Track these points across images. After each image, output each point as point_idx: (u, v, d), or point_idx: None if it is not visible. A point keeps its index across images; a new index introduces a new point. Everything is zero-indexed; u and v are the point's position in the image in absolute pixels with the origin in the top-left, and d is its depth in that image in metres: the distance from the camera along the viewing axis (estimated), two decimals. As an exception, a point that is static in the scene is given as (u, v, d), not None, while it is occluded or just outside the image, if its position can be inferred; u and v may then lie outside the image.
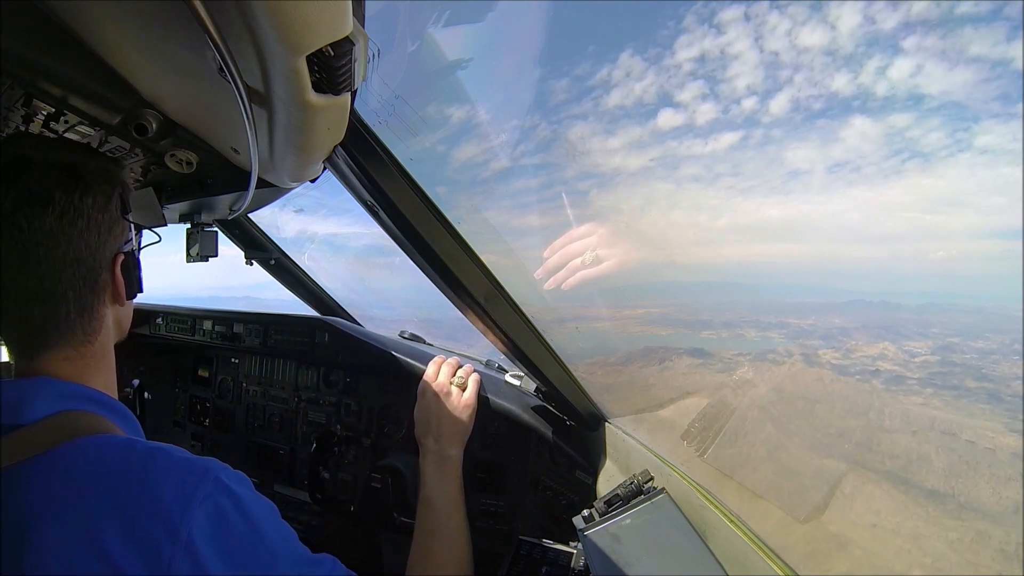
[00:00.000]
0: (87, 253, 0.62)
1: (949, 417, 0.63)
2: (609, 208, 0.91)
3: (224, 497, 0.54)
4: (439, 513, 0.96)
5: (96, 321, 0.64)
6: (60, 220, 0.59)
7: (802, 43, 0.57)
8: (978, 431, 0.60)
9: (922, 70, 0.52)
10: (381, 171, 0.76)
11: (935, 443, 0.63)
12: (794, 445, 0.80)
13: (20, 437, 0.54)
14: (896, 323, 0.72)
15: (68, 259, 0.60)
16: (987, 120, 0.52)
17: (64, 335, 0.62)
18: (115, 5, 0.49)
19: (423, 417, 1.07)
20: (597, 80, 0.71)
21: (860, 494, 0.67)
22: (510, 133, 0.90)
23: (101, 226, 0.62)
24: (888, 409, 0.69)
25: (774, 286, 0.88)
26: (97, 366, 0.65)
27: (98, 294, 0.64)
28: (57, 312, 0.61)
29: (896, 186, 0.59)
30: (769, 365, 0.89)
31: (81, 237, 0.61)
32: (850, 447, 0.72)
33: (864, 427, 0.72)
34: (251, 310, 1.85)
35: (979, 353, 0.64)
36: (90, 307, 0.63)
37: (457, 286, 0.91)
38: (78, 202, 0.60)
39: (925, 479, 0.63)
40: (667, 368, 1.08)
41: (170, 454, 0.55)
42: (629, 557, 0.81)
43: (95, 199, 0.62)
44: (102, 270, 0.64)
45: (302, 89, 0.47)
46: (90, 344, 0.64)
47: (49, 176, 0.59)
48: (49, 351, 0.61)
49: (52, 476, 0.51)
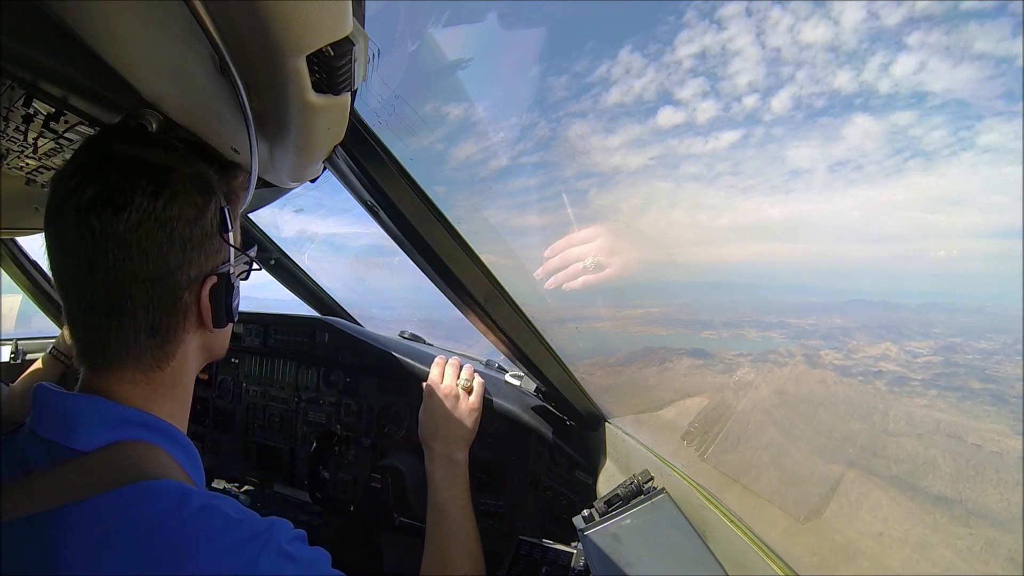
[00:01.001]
0: (165, 271, 0.54)
1: (954, 420, 0.62)
2: (609, 207, 0.91)
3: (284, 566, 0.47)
4: (453, 521, 0.95)
5: (171, 346, 0.57)
6: (136, 229, 0.51)
7: (804, 39, 0.56)
8: (984, 434, 0.59)
9: (925, 67, 0.52)
10: (381, 171, 0.76)
11: (941, 447, 0.62)
12: (798, 450, 0.79)
13: (68, 472, 0.48)
14: (897, 323, 0.72)
15: (141, 274, 0.52)
16: (990, 118, 0.52)
17: (131, 357, 0.55)
18: (115, 5, 0.49)
19: (429, 420, 1.06)
20: (596, 77, 0.71)
21: (866, 500, 0.66)
22: (510, 132, 0.90)
23: (188, 242, 0.54)
24: (892, 412, 0.68)
25: (774, 285, 0.88)
26: (165, 393, 0.57)
27: (177, 318, 0.56)
28: (124, 331, 0.53)
29: (897, 185, 0.59)
30: (771, 366, 0.89)
31: (160, 251, 0.53)
32: (855, 451, 0.71)
33: (869, 431, 0.71)
34: (251, 310, 1.85)
35: (982, 354, 0.63)
36: (165, 330, 0.56)
37: (457, 286, 0.91)
38: (161, 211, 0.52)
39: (932, 484, 0.61)
40: (667, 369, 1.08)
41: (225, 518, 0.47)
42: (629, 557, 0.80)
43: (183, 210, 0.54)
44: (184, 292, 0.56)
45: (302, 89, 0.47)
46: (160, 370, 0.56)
47: (131, 176, 0.52)
48: (112, 371, 0.55)
49: (89, 529, 0.45)
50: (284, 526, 0.50)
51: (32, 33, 0.56)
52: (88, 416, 0.52)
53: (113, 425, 0.52)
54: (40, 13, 0.52)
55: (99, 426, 0.51)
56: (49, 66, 0.62)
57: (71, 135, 0.81)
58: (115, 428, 0.52)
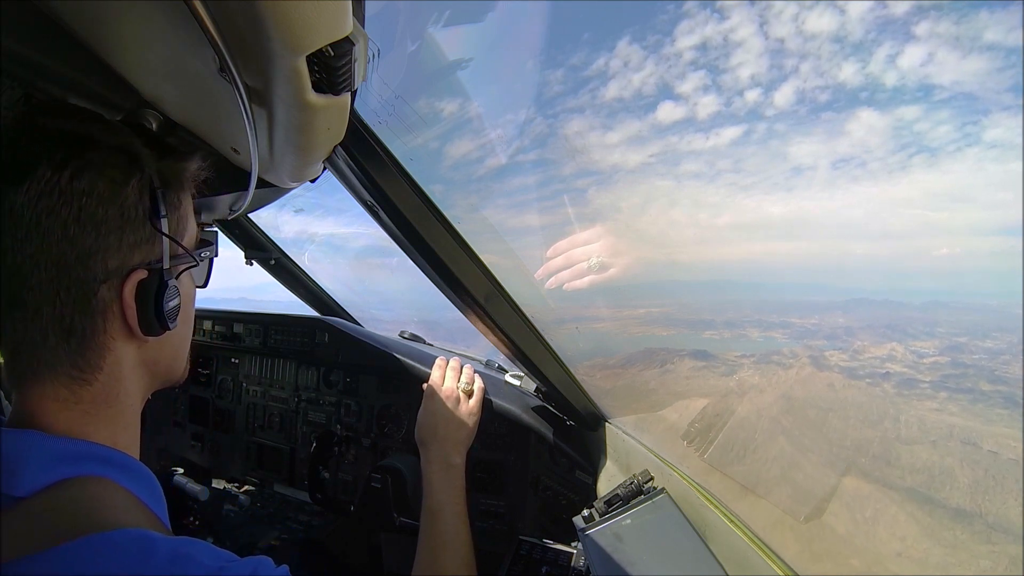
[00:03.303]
0: (73, 257, 0.44)
1: (968, 424, 0.60)
2: (608, 206, 0.90)
3: None
4: (448, 525, 0.93)
5: (94, 355, 0.47)
6: (36, 203, 0.42)
7: (809, 29, 0.54)
8: (1000, 440, 0.57)
9: (934, 58, 0.50)
10: (381, 171, 0.76)
11: (957, 455, 0.60)
12: (809, 461, 0.76)
13: (10, 522, 0.40)
14: (901, 322, 0.71)
15: (42, 259, 0.43)
16: (998, 112, 0.50)
17: (46, 365, 0.46)
18: (115, 5, 0.49)
19: (429, 422, 1.05)
20: (593, 70, 0.70)
21: (883, 517, 0.63)
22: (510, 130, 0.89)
23: (103, 224, 0.45)
24: (904, 417, 0.66)
25: (776, 284, 0.87)
26: (100, 415, 0.48)
27: (94, 318, 0.47)
28: (30, 330, 0.45)
29: (901, 181, 0.58)
30: (775, 368, 0.88)
31: (65, 232, 0.43)
32: (867, 461, 0.69)
33: (881, 438, 0.68)
34: (251, 310, 1.86)
35: (989, 353, 0.62)
36: (81, 333, 0.46)
37: (457, 286, 0.91)
38: (67, 184, 0.43)
39: (950, 496, 0.59)
40: (668, 372, 1.07)
41: (201, 567, 0.40)
42: (629, 557, 0.80)
43: (94, 184, 0.44)
44: (99, 285, 0.46)
45: (302, 89, 0.47)
46: (87, 384, 0.47)
47: (41, 145, 0.44)
48: (38, 383, 0.46)
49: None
50: (267, 565, 0.44)
51: (32, 33, 0.56)
52: (24, 456, 0.43)
53: (55, 462, 0.44)
54: (40, 13, 0.52)
55: (39, 466, 0.43)
56: (49, 66, 0.62)
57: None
58: (57, 465, 0.44)
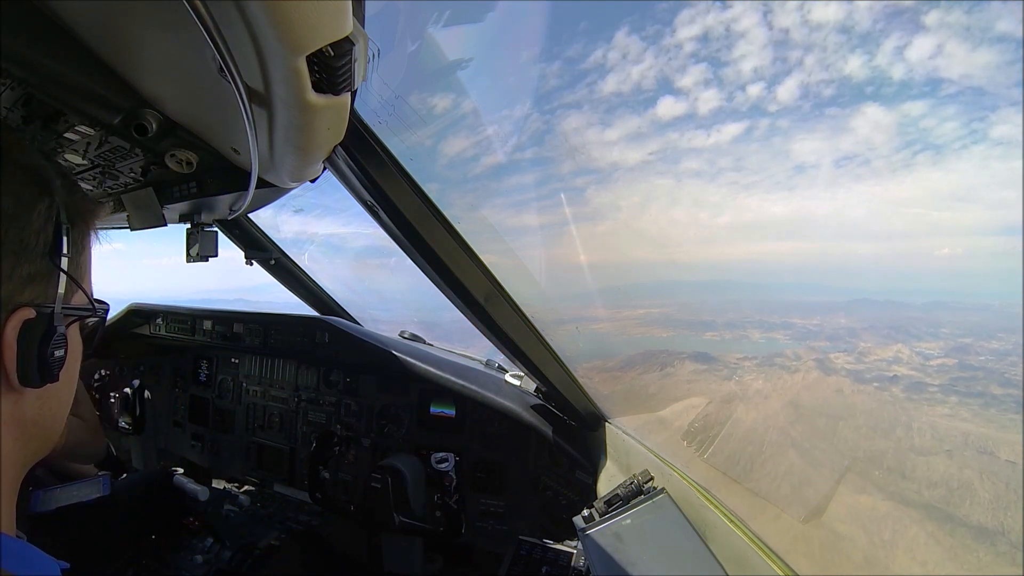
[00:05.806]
0: None
1: (982, 431, 0.57)
2: (608, 205, 0.90)
3: None
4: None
5: None
6: None
7: (815, 19, 0.52)
8: (1016, 448, 0.55)
9: (943, 50, 0.48)
10: (381, 171, 0.76)
11: (974, 466, 0.57)
12: (822, 478, 0.72)
13: None
14: (904, 323, 0.70)
15: None
16: (1006, 108, 0.48)
17: None
18: (115, 5, 0.48)
19: None
20: (591, 63, 0.68)
21: (902, 539, 0.59)
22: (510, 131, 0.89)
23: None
24: (916, 424, 0.64)
25: (777, 284, 0.87)
26: None
27: None
28: None
29: (905, 180, 0.57)
30: (779, 371, 0.86)
31: None
32: (881, 474, 0.66)
33: (895, 449, 0.65)
34: (251, 310, 1.86)
35: (995, 355, 0.60)
36: None
37: (457, 286, 0.91)
38: None
39: (970, 513, 0.56)
40: (669, 375, 1.07)
41: None
42: (629, 556, 0.80)
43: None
44: None
45: (302, 89, 0.47)
46: None
47: None
48: None
49: None
50: None
51: (32, 33, 0.56)
52: None
53: None
54: (40, 13, 0.52)
55: None
56: (49, 66, 0.62)
57: (71, 135, 0.81)
58: None
